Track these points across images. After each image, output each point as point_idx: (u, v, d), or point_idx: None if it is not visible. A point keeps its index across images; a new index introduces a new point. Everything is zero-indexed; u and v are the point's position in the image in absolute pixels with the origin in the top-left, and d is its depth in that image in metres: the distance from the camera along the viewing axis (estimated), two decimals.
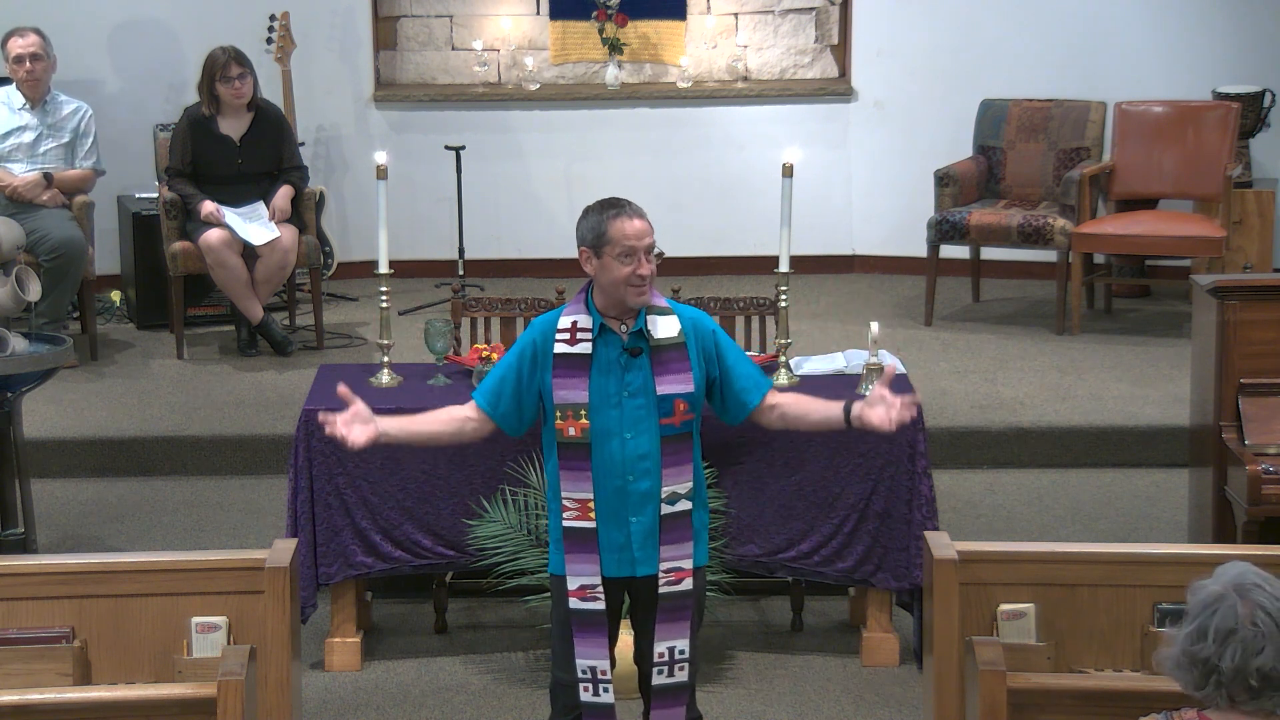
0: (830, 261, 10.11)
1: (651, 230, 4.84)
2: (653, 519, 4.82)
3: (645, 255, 4.81)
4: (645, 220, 4.85)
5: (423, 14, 10.33)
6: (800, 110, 10.08)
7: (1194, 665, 3.54)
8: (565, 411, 4.80)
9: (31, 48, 8.71)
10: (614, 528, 4.83)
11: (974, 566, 4.80)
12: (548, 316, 4.94)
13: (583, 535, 4.83)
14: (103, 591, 4.82)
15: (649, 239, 4.82)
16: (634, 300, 4.82)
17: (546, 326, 4.89)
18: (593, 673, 4.86)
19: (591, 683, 4.87)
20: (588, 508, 4.82)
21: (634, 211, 4.86)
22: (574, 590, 4.85)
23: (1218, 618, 3.52)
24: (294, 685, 4.91)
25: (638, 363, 4.81)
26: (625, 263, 4.80)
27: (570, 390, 4.80)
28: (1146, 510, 7.41)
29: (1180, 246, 9.06)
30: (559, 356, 4.82)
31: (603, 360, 4.81)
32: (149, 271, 9.21)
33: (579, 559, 4.84)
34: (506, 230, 10.15)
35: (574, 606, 4.86)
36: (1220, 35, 9.74)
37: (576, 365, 4.81)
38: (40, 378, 6.59)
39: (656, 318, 4.85)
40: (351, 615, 6.27)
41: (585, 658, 4.86)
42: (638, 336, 4.83)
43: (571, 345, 4.82)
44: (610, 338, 4.84)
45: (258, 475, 7.71)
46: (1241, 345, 6.18)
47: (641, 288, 4.81)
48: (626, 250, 4.80)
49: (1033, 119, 9.53)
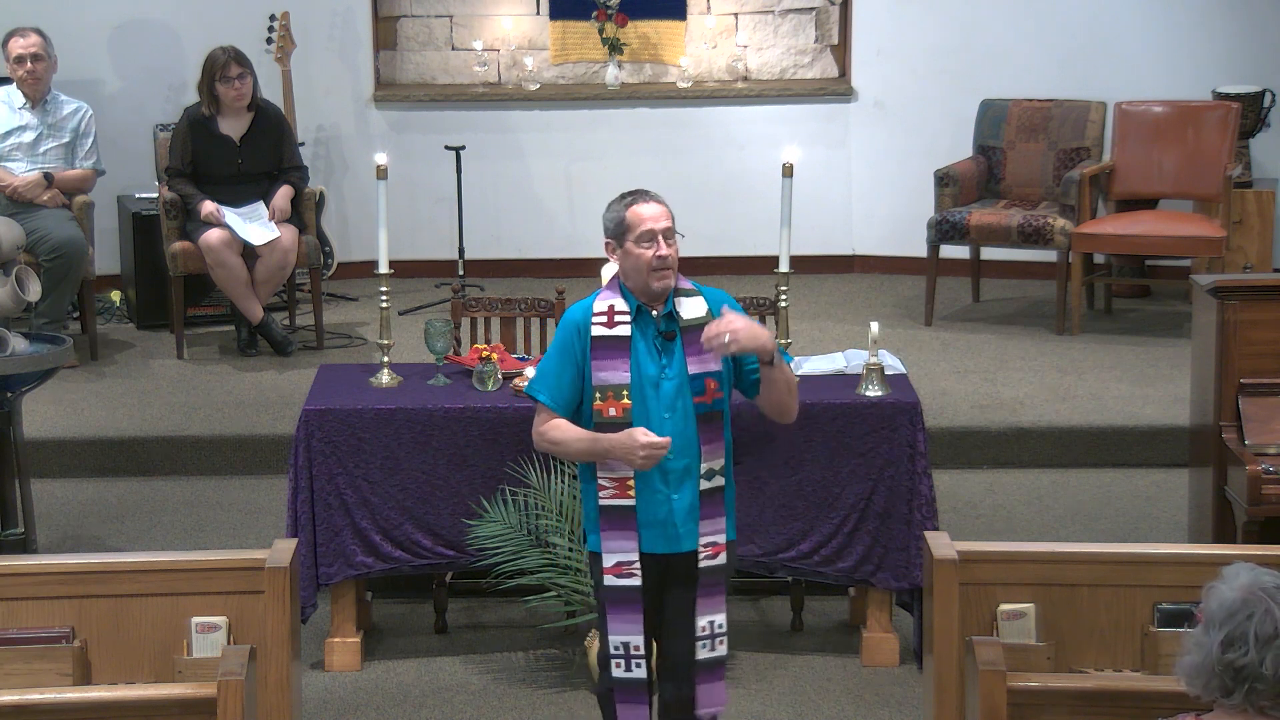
0: (830, 261, 10.10)
1: (669, 215, 4.95)
2: (692, 495, 4.93)
3: (664, 238, 4.91)
4: (662, 204, 4.96)
5: (423, 14, 10.33)
6: (800, 110, 10.08)
7: (1228, 672, 3.48)
8: (605, 392, 4.91)
9: (32, 48, 8.71)
10: (654, 505, 4.92)
11: (974, 566, 4.80)
12: (580, 305, 5.02)
13: (621, 513, 4.92)
14: (103, 591, 4.82)
15: (666, 222, 4.92)
16: (658, 284, 4.92)
17: (583, 312, 4.98)
18: (625, 648, 4.94)
19: (624, 658, 4.95)
20: (626, 485, 4.91)
21: (650, 196, 4.98)
22: (610, 567, 4.94)
23: (1255, 624, 3.46)
24: (294, 685, 4.92)
25: (672, 344, 4.93)
26: (646, 246, 4.90)
27: (610, 371, 4.91)
28: (1146, 510, 7.41)
29: (1180, 246, 9.06)
30: (597, 339, 4.93)
31: (641, 343, 4.93)
32: (149, 271, 9.20)
33: (616, 536, 4.93)
34: (506, 230, 10.15)
35: (609, 583, 4.94)
36: (1220, 35, 9.74)
37: (616, 347, 4.92)
38: (40, 378, 6.59)
39: (684, 299, 4.97)
40: (351, 615, 6.27)
41: (618, 633, 4.94)
42: (670, 319, 4.95)
43: (610, 328, 4.93)
44: (646, 321, 4.95)
45: (258, 475, 7.71)
46: (1241, 345, 6.18)
47: (663, 271, 4.91)
48: (646, 234, 4.90)
49: (1033, 119, 9.53)
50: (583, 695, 6.03)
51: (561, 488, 6.05)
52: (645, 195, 4.97)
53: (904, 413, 6.10)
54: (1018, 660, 4.65)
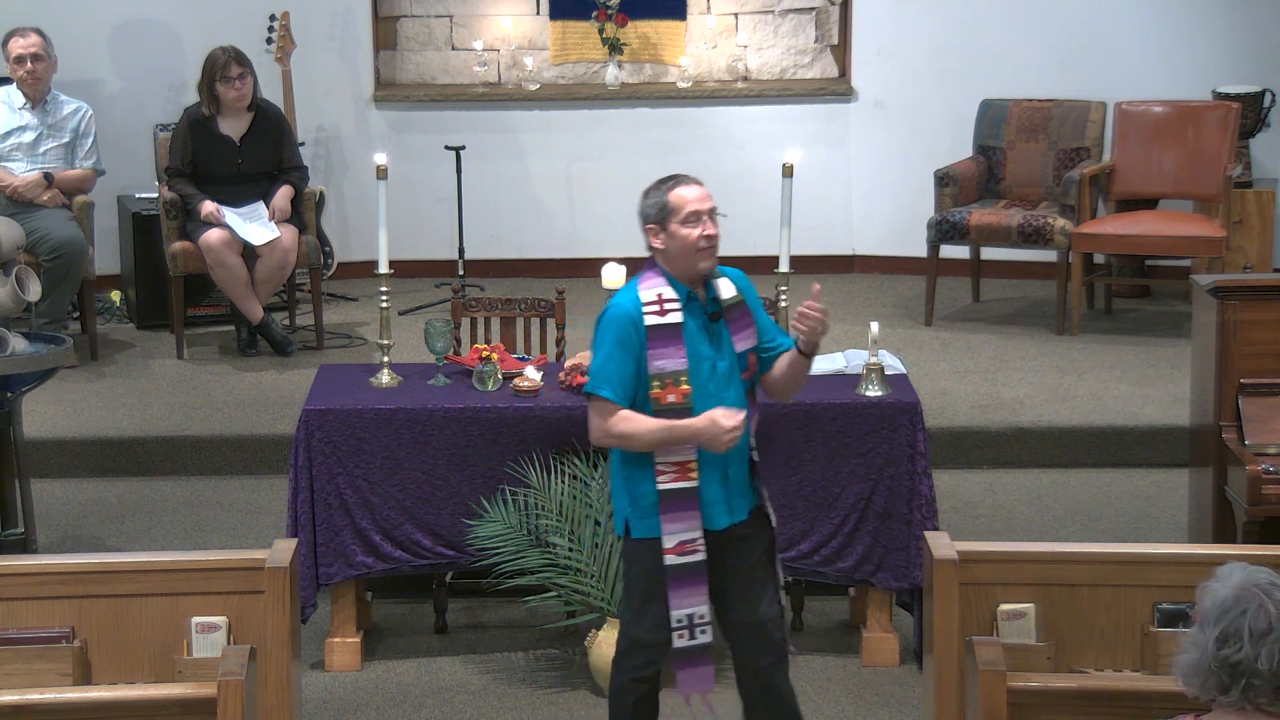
0: (830, 261, 10.10)
1: (710, 197, 5.04)
2: (742, 468, 5.05)
3: (709, 217, 4.99)
4: (701, 185, 5.05)
5: (423, 14, 10.33)
6: (800, 110, 10.08)
7: (1224, 669, 3.49)
8: (664, 380, 4.97)
9: (33, 48, 8.72)
10: (714, 483, 5.01)
11: (974, 566, 4.80)
12: (625, 297, 5.06)
13: (682, 495, 4.99)
14: (103, 591, 4.82)
15: (710, 203, 5.02)
16: (704, 263, 5.01)
17: (632, 304, 5.02)
18: (689, 619, 5.02)
19: (688, 629, 5.03)
20: (687, 468, 4.97)
21: (690, 179, 5.07)
22: (671, 548, 4.99)
23: (1250, 619, 3.47)
24: (294, 685, 4.92)
25: (719, 326, 5.02)
26: (692, 226, 4.98)
27: (667, 359, 4.97)
28: (1146, 510, 7.41)
29: (1180, 246, 9.06)
30: (651, 328, 4.98)
31: (691, 327, 5.00)
32: (149, 271, 9.20)
33: (677, 518, 5.00)
34: (506, 230, 10.15)
35: (670, 563, 4.99)
36: (1220, 35, 9.74)
37: (670, 334, 4.98)
38: (40, 378, 6.59)
39: (718, 281, 5.07)
40: (351, 615, 6.27)
41: (682, 608, 5.01)
42: (713, 301, 5.04)
43: (662, 316, 4.99)
44: (693, 305, 5.02)
45: (258, 475, 7.71)
46: (1241, 345, 6.18)
47: (709, 250, 5.00)
48: (691, 215, 4.99)
49: (1033, 119, 9.53)
50: (583, 695, 6.03)
51: (561, 488, 6.05)
52: (686, 178, 5.07)
53: (904, 413, 6.10)
54: (1018, 660, 4.65)
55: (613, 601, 5.97)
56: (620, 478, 5.08)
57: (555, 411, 6.10)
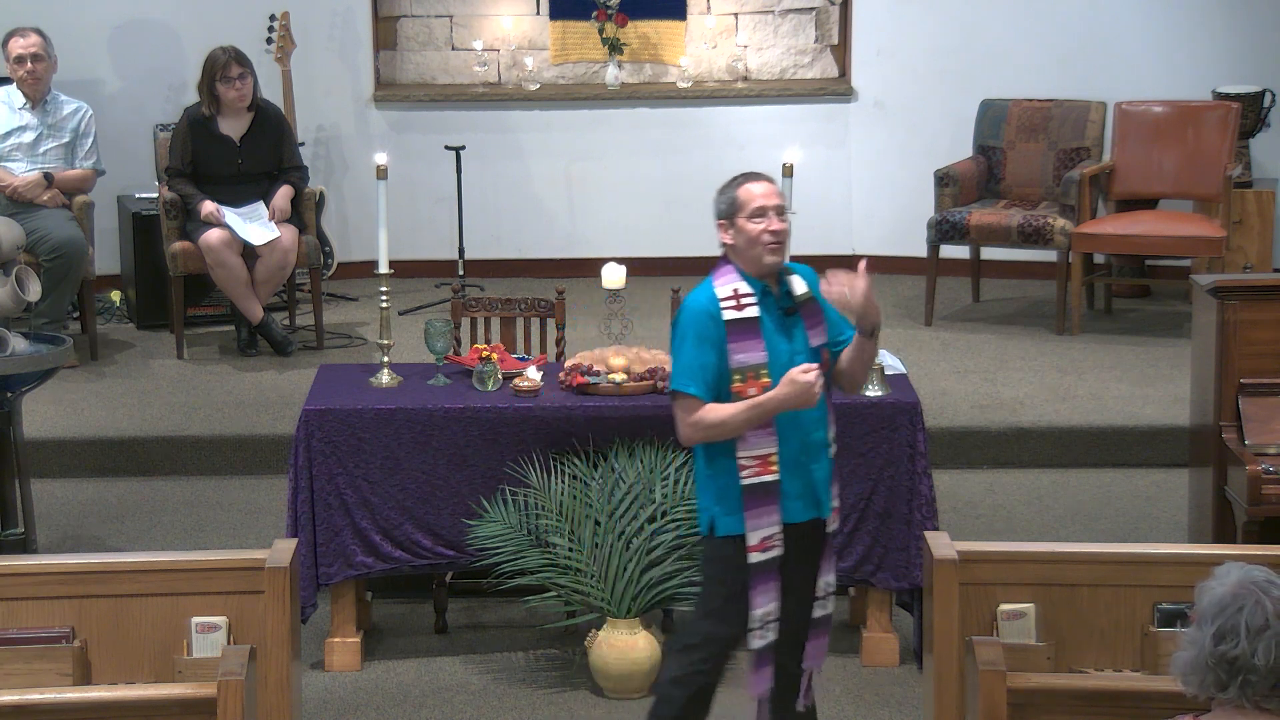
0: (830, 261, 10.01)
1: (779, 193, 5.10)
2: (825, 464, 5.06)
3: (775, 213, 5.04)
4: (773, 183, 5.11)
5: (423, 14, 10.33)
6: (800, 110, 10.08)
7: (1221, 665, 3.49)
8: (745, 374, 4.99)
9: (33, 48, 8.72)
10: (795, 477, 5.02)
11: (974, 566, 4.80)
12: (700, 294, 5.09)
13: (765, 489, 5.00)
14: (103, 591, 4.82)
15: (777, 200, 5.08)
16: (770, 258, 5.05)
17: (709, 300, 5.06)
18: (764, 618, 5.03)
19: (764, 626, 5.04)
20: (768, 462, 4.99)
21: (761, 176, 5.13)
22: (754, 545, 5.00)
23: (1246, 615, 3.49)
24: (294, 685, 4.92)
25: (793, 320, 5.06)
26: (758, 221, 5.03)
27: (748, 353, 5.00)
28: (1146, 510, 7.40)
29: (1180, 246, 9.06)
30: (730, 323, 5.02)
31: (769, 322, 5.04)
32: (149, 271, 9.21)
33: (759, 513, 5.02)
34: (506, 230, 10.15)
35: (754, 560, 5.00)
36: (1220, 35, 9.74)
37: (749, 329, 5.02)
38: (40, 378, 6.59)
39: (791, 278, 5.12)
40: (351, 615, 6.27)
41: (762, 605, 5.02)
42: (787, 296, 5.08)
43: (739, 310, 5.03)
44: (768, 300, 5.06)
45: (258, 475, 7.71)
46: (1241, 345, 6.18)
47: (775, 244, 5.04)
48: (757, 210, 5.04)
49: (1033, 119, 9.53)
50: (583, 695, 6.03)
51: (561, 488, 6.05)
52: (756, 175, 5.12)
53: (904, 413, 6.10)
54: (1018, 660, 4.65)
55: (613, 601, 5.97)
56: (705, 476, 5.09)
57: (555, 411, 6.10)
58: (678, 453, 6.07)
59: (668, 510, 6.02)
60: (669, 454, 6.06)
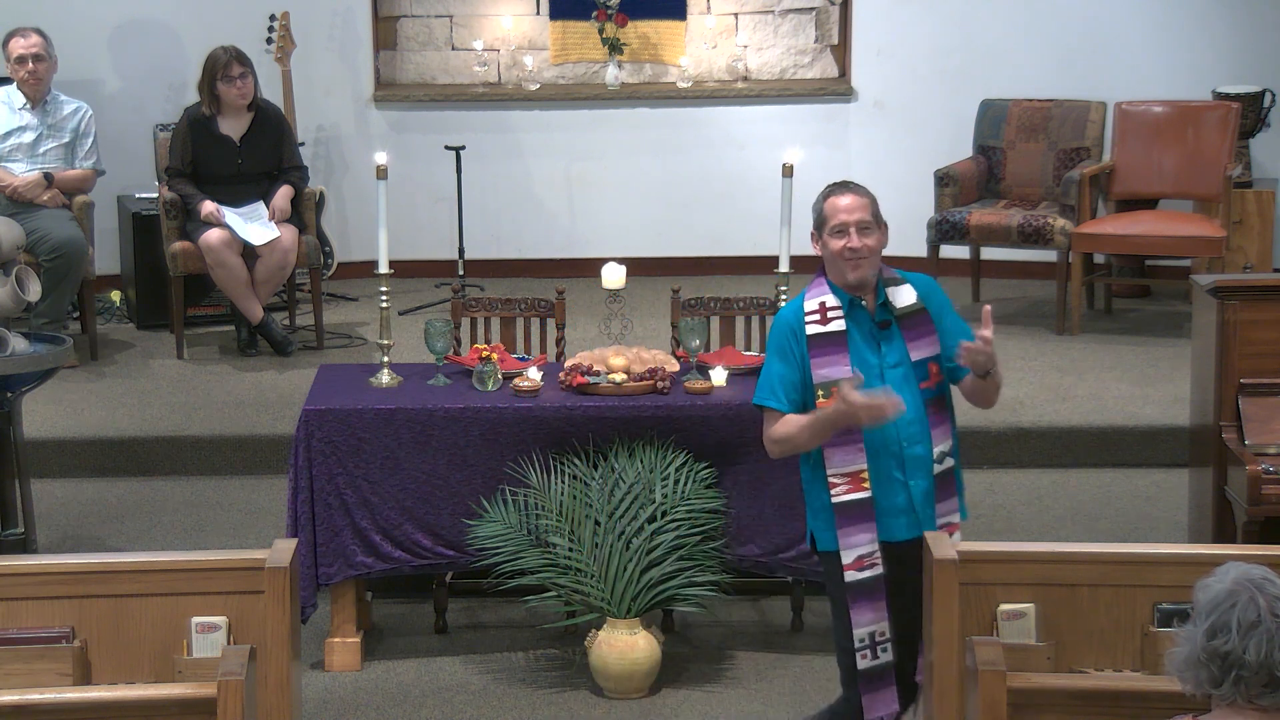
0: None
1: (867, 206, 5.02)
2: (928, 480, 4.99)
3: (856, 230, 4.97)
4: (859, 196, 5.03)
5: (423, 14, 10.33)
6: (800, 110, 10.09)
7: (1214, 661, 3.51)
8: (829, 388, 4.94)
9: (34, 48, 8.72)
10: (892, 493, 4.98)
11: (974, 566, 4.79)
12: (790, 305, 5.08)
13: (857, 507, 4.97)
14: (103, 591, 4.81)
15: (859, 214, 5.00)
16: (851, 275, 4.99)
17: (794, 313, 5.03)
18: (871, 638, 5.01)
19: (870, 648, 5.01)
20: (859, 479, 4.96)
21: (849, 189, 5.06)
22: (850, 563, 4.99)
23: (1239, 611, 3.50)
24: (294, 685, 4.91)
25: (889, 333, 4.98)
26: (837, 238, 4.98)
27: (831, 367, 4.96)
28: (1146, 510, 7.41)
29: (1180, 246, 9.06)
30: (813, 337, 4.98)
31: (857, 335, 4.98)
32: (149, 271, 9.21)
33: (853, 531, 4.99)
34: (506, 230, 10.15)
35: (851, 579, 4.99)
36: (1220, 35, 9.74)
37: (834, 343, 4.97)
38: (40, 378, 6.59)
39: (894, 289, 5.04)
40: (351, 615, 6.27)
41: (864, 625, 5.00)
42: (884, 309, 5.00)
43: (824, 324, 4.98)
44: (859, 313, 4.99)
45: (258, 475, 7.71)
46: (1241, 345, 6.18)
47: (854, 261, 4.98)
48: (838, 226, 4.99)
49: (1033, 119, 9.53)
50: (583, 695, 6.03)
51: (561, 488, 6.05)
52: (844, 188, 5.06)
53: None
54: (1018, 660, 4.65)
55: (613, 601, 5.97)
56: (806, 489, 5.09)
57: (555, 411, 6.10)
58: (677, 453, 6.07)
59: (668, 510, 6.02)
60: (669, 454, 6.07)
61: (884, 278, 5.06)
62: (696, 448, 6.10)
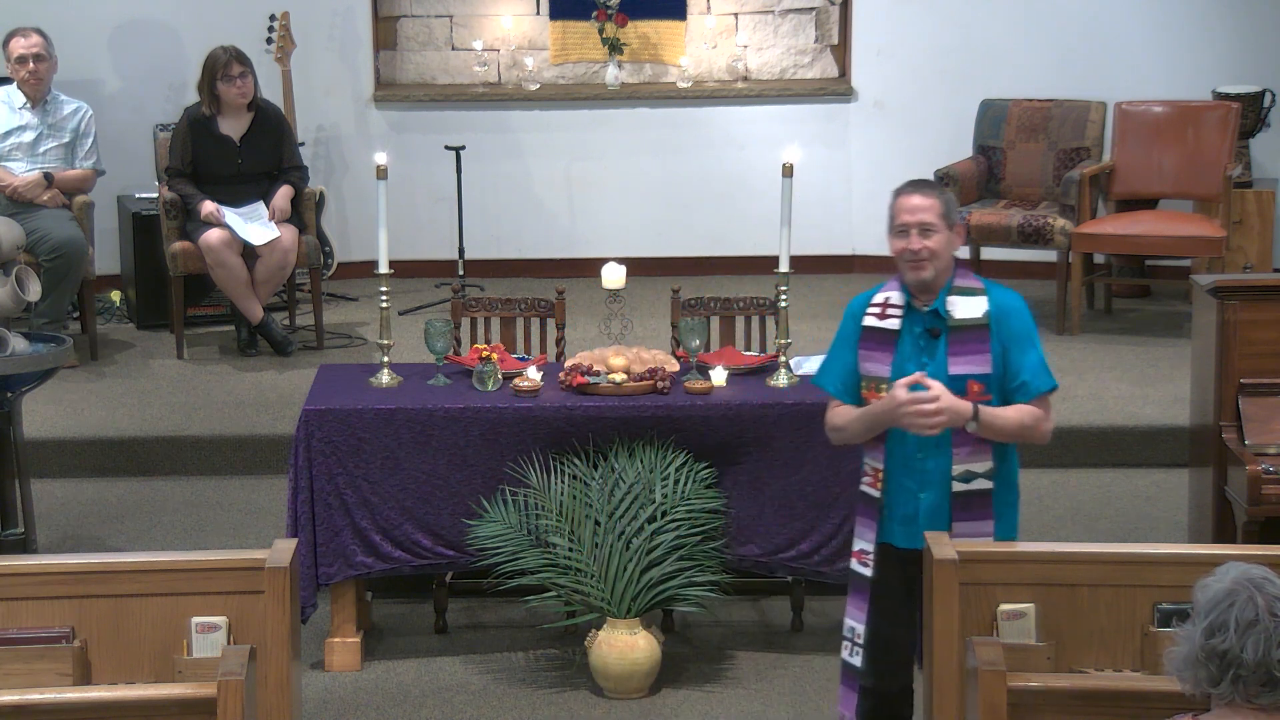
0: (830, 261, 10.10)
1: (932, 208, 4.94)
2: (942, 496, 4.95)
3: (917, 231, 4.93)
4: (926, 197, 4.96)
5: (423, 14, 10.33)
6: (800, 110, 10.09)
7: (1212, 659, 3.52)
8: (869, 383, 4.98)
9: (35, 48, 8.72)
10: (902, 500, 4.98)
11: (974, 566, 4.79)
12: (862, 295, 5.10)
13: (870, 502, 5.01)
14: (103, 591, 4.81)
15: (923, 215, 4.94)
16: (910, 275, 4.97)
17: (863, 302, 5.06)
18: (853, 633, 5.05)
19: (850, 642, 5.06)
20: (879, 476, 4.99)
21: (917, 189, 5.01)
22: (855, 552, 5.04)
23: (1237, 610, 3.51)
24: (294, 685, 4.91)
25: (935, 343, 4.94)
26: (899, 238, 4.97)
27: (874, 363, 4.97)
28: (1146, 510, 7.40)
29: (1180, 246, 9.06)
30: (867, 329, 4.99)
31: (907, 337, 4.96)
32: (149, 271, 9.21)
33: (863, 524, 5.03)
34: (506, 230, 10.15)
35: (851, 567, 5.04)
36: (1220, 35, 9.74)
37: (883, 339, 4.97)
38: (40, 378, 6.59)
39: (959, 298, 4.96)
40: (351, 615, 6.27)
41: (851, 618, 5.05)
42: (934, 317, 4.95)
43: (880, 320, 4.99)
44: (916, 315, 4.97)
45: (258, 475, 7.71)
46: (1241, 345, 6.18)
47: (914, 263, 4.94)
48: (900, 226, 4.98)
49: (1033, 119, 9.53)
50: (583, 695, 6.03)
51: (561, 488, 6.05)
52: (914, 187, 5.02)
53: None
54: (1018, 660, 4.65)
55: (613, 601, 5.97)
56: None
57: (555, 411, 6.10)
58: (677, 453, 6.07)
59: (668, 510, 6.02)
60: (669, 454, 6.07)
61: (954, 285, 4.98)
62: (696, 448, 6.10)
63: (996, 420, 4.91)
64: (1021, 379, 4.95)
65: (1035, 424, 4.96)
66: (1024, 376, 4.95)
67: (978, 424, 4.88)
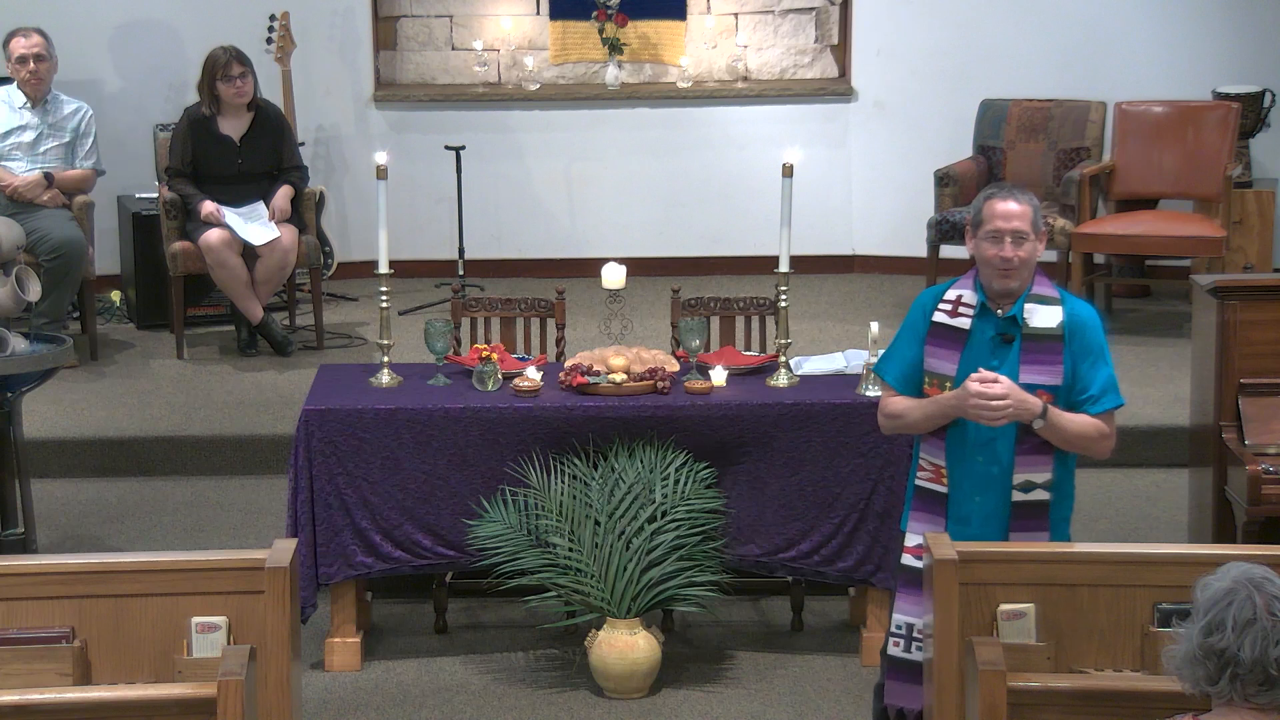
0: (830, 261, 10.11)
1: (1025, 215, 4.89)
2: (999, 503, 4.96)
3: (1011, 239, 4.88)
4: (1020, 204, 4.90)
5: (423, 14, 10.33)
6: (800, 110, 10.09)
7: (1210, 658, 3.53)
8: (933, 379, 4.96)
9: (35, 48, 8.72)
10: (963, 500, 4.98)
11: (974, 566, 4.79)
12: (936, 288, 5.07)
13: (933, 497, 5.00)
14: (103, 591, 4.81)
15: (1018, 223, 4.88)
16: (997, 283, 4.92)
17: (934, 297, 5.03)
18: (908, 629, 5.02)
19: (904, 638, 5.02)
20: (941, 473, 4.99)
21: (1013, 194, 4.93)
22: (910, 547, 5.01)
23: (1235, 609, 3.52)
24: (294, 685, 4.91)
25: (1008, 348, 4.92)
26: (991, 244, 4.89)
27: (941, 360, 4.95)
28: (1146, 510, 7.40)
29: (1180, 246, 9.06)
30: (936, 325, 4.97)
31: (977, 339, 4.94)
32: (149, 271, 9.21)
33: (924, 518, 5.01)
34: (506, 230, 10.15)
35: (905, 562, 5.01)
36: (1220, 35, 9.74)
37: (952, 338, 4.95)
38: (40, 378, 6.59)
39: (1037, 306, 4.95)
40: (351, 615, 6.27)
41: (903, 613, 5.02)
42: (1010, 323, 4.93)
43: (951, 318, 4.96)
44: (989, 318, 4.95)
45: (258, 475, 7.71)
46: (1241, 345, 6.18)
47: (1004, 270, 4.89)
48: (993, 232, 4.89)
49: (1033, 119, 9.53)
50: (583, 695, 6.03)
51: (561, 488, 6.05)
52: (1008, 193, 4.94)
53: None
54: (1018, 660, 4.65)
55: (613, 601, 5.97)
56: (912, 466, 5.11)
57: (555, 411, 6.10)
58: (677, 453, 6.07)
59: (668, 510, 6.02)
60: (669, 454, 6.07)
61: (1033, 292, 4.97)
62: (696, 448, 6.10)
63: (1062, 421, 4.92)
64: (1090, 393, 4.98)
65: (1099, 437, 4.99)
66: (1093, 390, 4.98)
67: (1045, 421, 4.89)
